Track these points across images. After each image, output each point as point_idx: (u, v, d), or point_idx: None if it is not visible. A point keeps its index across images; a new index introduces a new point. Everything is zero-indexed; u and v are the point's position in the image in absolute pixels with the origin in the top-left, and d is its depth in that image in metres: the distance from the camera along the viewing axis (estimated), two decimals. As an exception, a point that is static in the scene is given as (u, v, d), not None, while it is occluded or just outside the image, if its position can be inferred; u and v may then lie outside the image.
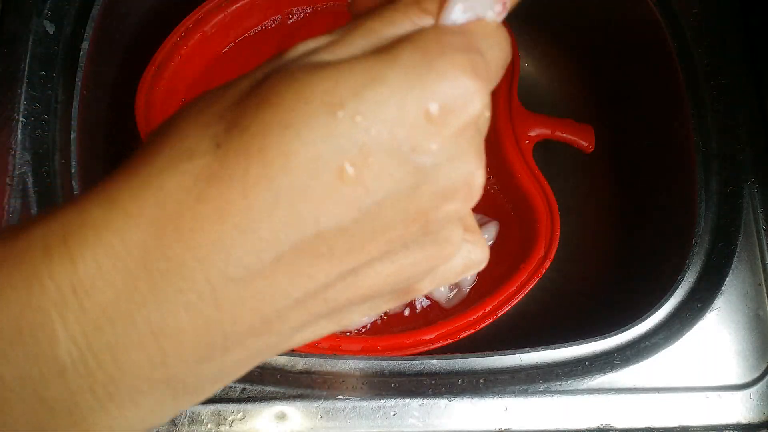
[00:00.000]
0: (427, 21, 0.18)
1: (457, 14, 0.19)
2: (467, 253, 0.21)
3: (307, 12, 0.59)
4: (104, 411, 0.16)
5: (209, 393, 0.19)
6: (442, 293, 0.53)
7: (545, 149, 0.59)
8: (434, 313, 0.53)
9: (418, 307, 0.54)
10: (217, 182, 0.16)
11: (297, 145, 0.16)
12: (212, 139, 0.16)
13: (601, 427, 0.43)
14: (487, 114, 0.18)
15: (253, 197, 0.16)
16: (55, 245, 0.16)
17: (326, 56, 0.18)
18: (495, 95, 0.55)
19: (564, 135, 0.56)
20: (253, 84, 0.17)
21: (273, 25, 0.58)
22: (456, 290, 0.54)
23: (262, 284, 0.17)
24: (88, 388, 0.16)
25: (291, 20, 0.58)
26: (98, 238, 0.16)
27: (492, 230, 0.56)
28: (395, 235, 0.18)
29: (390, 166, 0.17)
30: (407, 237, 0.18)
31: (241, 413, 0.42)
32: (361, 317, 0.20)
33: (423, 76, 0.17)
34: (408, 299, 0.21)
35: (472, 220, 0.22)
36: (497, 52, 0.19)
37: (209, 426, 0.41)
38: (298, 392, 0.42)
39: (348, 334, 0.51)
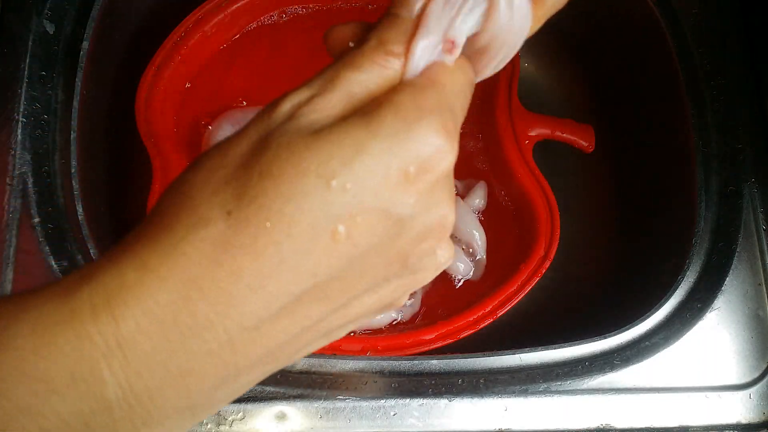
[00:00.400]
0: (393, 63, 0.21)
1: (420, 64, 0.21)
2: (438, 259, 0.23)
3: (304, 10, 0.59)
4: None
5: (222, 407, 0.23)
6: (461, 270, 0.53)
7: (545, 149, 0.59)
8: (469, 289, 0.54)
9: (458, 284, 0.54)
10: (231, 249, 0.19)
11: (298, 216, 0.19)
12: (222, 206, 0.19)
13: (601, 427, 0.43)
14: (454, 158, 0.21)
15: (261, 261, 0.19)
16: (101, 307, 0.19)
17: (313, 116, 0.20)
18: (495, 95, 0.55)
19: (564, 135, 0.56)
20: (251, 147, 0.20)
21: (270, 22, 0.58)
22: (474, 260, 0.54)
23: (269, 328, 0.20)
24: (128, 420, 0.20)
25: (286, 18, 0.58)
26: (137, 301, 0.19)
27: (480, 192, 0.56)
28: (379, 274, 0.21)
29: (375, 223, 0.20)
30: (389, 274, 0.22)
31: (241, 413, 0.42)
32: (347, 331, 0.23)
33: (403, 143, 0.19)
34: (389, 311, 0.25)
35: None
36: (462, 99, 0.22)
37: (209, 426, 0.41)
38: (298, 392, 0.42)
39: (352, 334, 0.51)
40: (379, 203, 0.19)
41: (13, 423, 0.19)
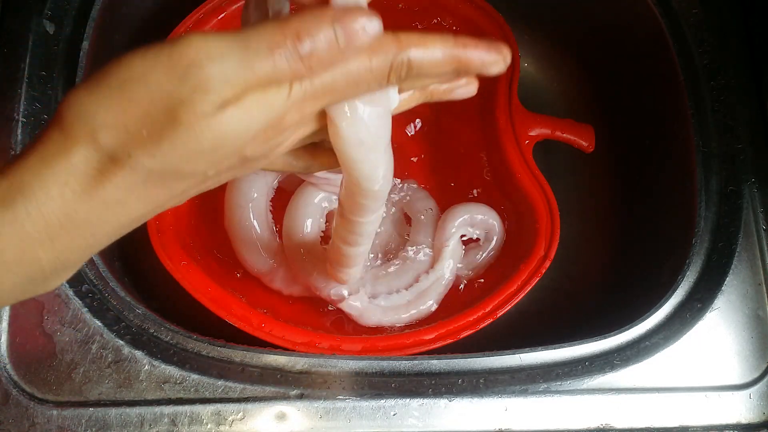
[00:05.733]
0: None
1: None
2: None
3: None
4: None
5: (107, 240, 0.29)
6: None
7: (545, 149, 0.59)
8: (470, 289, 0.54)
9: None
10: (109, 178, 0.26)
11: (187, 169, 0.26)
12: (128, 147, 0.25)
13: (601, 427, 0.43)
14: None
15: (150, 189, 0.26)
16: (35, 213, 0.25)
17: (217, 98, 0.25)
18: (495, 95, 0.55)
19: (564, 135, 0.56)
20: (162, 108, 0.25)
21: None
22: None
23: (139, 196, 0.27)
24: (55, 274, 0.28)
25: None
26: (57, 205, 0.25)
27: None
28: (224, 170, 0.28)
29: (229, 155, 0.27)
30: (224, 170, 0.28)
31: (241, 413, 0.42)
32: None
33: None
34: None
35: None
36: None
37: (209, 426, 0.41)
38: (298, 392, 0.42)
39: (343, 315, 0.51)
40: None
41: None
